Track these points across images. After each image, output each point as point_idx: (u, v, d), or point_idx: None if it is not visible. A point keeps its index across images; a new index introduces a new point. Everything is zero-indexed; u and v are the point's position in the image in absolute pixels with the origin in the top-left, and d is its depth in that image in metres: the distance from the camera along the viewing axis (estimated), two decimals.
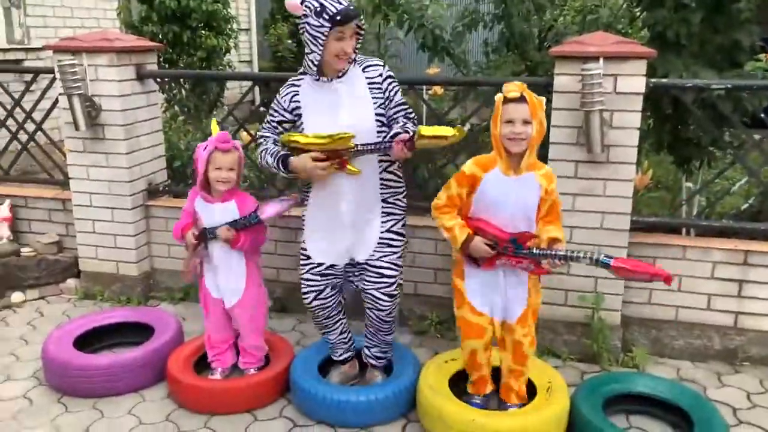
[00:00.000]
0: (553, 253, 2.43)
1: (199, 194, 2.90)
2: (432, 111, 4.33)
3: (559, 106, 3.13)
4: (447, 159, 3.96)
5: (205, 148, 2.81)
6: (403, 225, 2.80)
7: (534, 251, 2.45)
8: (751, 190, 4.79)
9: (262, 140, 2.76)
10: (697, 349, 3.34)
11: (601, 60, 2.96)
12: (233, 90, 9.82)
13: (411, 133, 2.49)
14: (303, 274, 2.83)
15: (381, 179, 2.68)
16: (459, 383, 2.84)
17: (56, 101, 3.92)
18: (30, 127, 4.26)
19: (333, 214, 2.71)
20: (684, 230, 3.73)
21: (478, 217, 2.52)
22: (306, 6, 2.50)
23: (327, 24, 2.46)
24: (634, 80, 3.02)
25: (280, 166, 2.65)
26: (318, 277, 2.80)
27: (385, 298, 2.75)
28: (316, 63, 2.56)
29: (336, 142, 2.52)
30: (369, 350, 2.98)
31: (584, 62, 2.96)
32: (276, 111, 2.73)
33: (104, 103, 3.73)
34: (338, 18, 2.46)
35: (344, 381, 3.00)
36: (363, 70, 2.63)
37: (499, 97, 2.44)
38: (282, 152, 2.66)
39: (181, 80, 6.20)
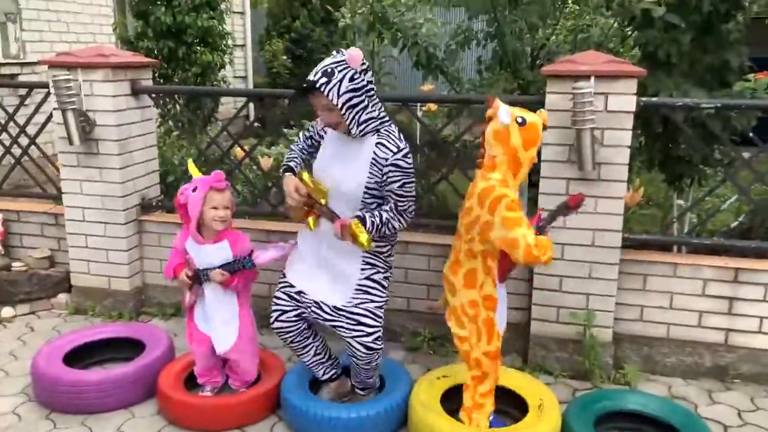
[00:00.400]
0: (546, 218, 2.50)
1: (190, 236, 2.85)
2: (426, 128, 4.36)
3: (550, 124, 3.15)
4: (441, 175, 3.98)
5: (195, 189, 2.78)
6: (386, 278, 2.72)
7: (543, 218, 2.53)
8: (741, 207, 4.83)
9: (288, 152, 2.83)
10: (688, 367, 3.35)
11: (593, 79, 2.99)
12: (227, 105, 9.86)
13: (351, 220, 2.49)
14: (276, 291, 2.83)
15: (363, 253, 2.64)
16: (451, 400, 2.84)
17: (50, 116, 3.93)
18: (23, 141, 4.26)
19: (314, 252, 2.74)
20: (675, 248, 3.75)
21: None
22: None
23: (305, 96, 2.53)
24: (625, 99, 3.05)
25: (281, 171, 2.75)
26: (286, 298, 2.78)
27: (362, 349, 2.64)
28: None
29: (314, 189, 2.59)
30: (352, 379, 2.95)
31: (575, 81, 2.99)
32: (309, 130, 2.81)
33: (99, 118, 3.74)
34: (292, 95, 2.64)
35: (335, 398, 2.99)
36: (376, 144, 2.51)
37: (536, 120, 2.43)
38: (292, 163, 2.73)
39: (176, 95, 6.23)
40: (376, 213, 2.54)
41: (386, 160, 2.49)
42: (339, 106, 2.42)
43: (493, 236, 2.39)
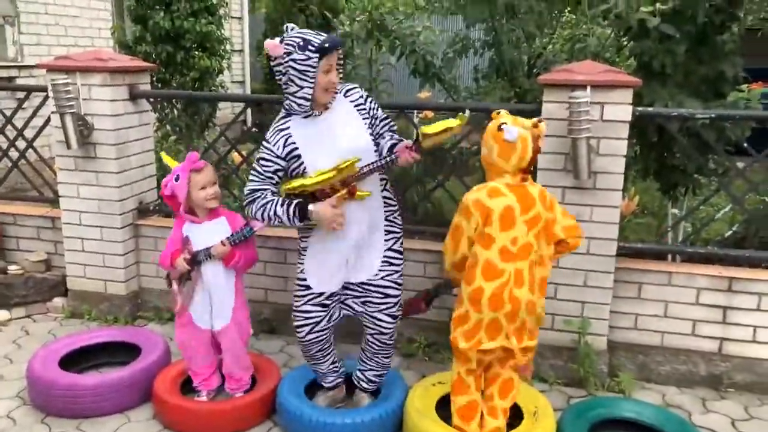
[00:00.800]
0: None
1: (185, 219, 2.89)
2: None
3: (546, 133, 3.16)
4: (437, 182, 4.00)
5: (177, 178, 2.81)
6: (401, 243, 2.81)
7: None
8: (735, 216, 4.86)
9: (257, 194, 2.62)
10: (682, 375, 3.36)
11: (589, 88, 3.02)
12: (225, 110, 9.87)
13: (414, 138, 2.52)
14: (300, 305, 2.76)
15: (383, 197, 2.71)
16: (446, 407, 2.84)
17: (48, 119, 3.94)
18: (21, 144, 4.27)
19: (340, 239, 2.66)
20: (670, 256, 3.77)
21: None
22: (287, 44, 2.50)
23: (315, 56, 2.46)
24: (621, 108, 3.08)
25: (296, 216, 2.55)
26: (318, 308, 2.76)
27: (389, 319, 2.78)
28: (309, 98, 2.54)
29: (342, 172, 2.51)
30: (363, 373, 2.97)
31: (572, 90, 3.02)
32: (268, 160, 2.60)
33: (96, 122, 3.74)
34: (326, 46, 2.48)
35: (331, 404, 2.99)
36: (344, 95, 2.67)
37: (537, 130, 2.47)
38: (295, 201, 2.58)
39: (174, 100, 6.24)
40: (390, 136, 2.69)
41: (362, 96, 2.69)
42: (342, 62, 2.63)
43: (556, 230, 2.53)
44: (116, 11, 8.57)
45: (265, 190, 2.62)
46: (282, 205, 2.58)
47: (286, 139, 2.60)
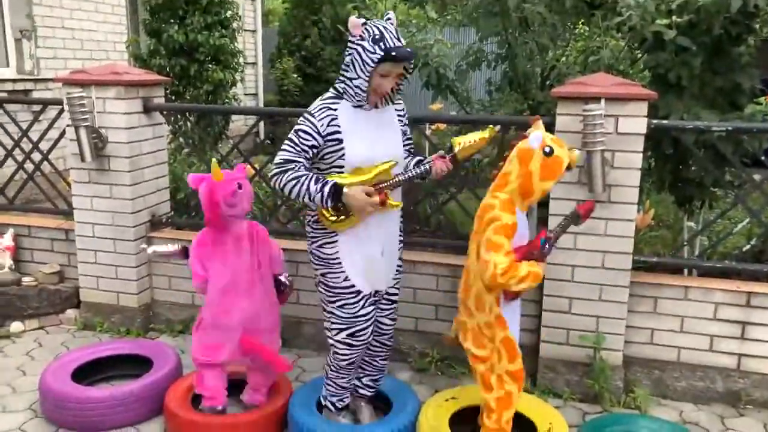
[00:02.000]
0: (557, 233, 2.47)
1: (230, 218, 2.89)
2: (434, 146, 4.37)
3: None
4: (450, 195, 3.98)
5: (241, 186, 2.80)
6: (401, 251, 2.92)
7: (549, 235, 2.45)
8: (753, 230, 4.79)
9: (291, 165, 2.54)
10: (700, 391, 3.31)
11: (603, 101, 3.00)
12: (238, 122, 9.93)
13: (448, 148, 2.61)
14: (358, 311, 2.69)
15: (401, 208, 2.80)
16: (459, 422, 2.81)
17: (63, 132, 3.97)
18: (36, 156, 4.30)
19: (371, 247, 2.66)
20: (686, 270, 3.72)
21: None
22: (366, 29, 2.48)
23: (380, 53, 2.44)
24: (636, 121, 3.05)
25: (329, 196, 2.48)
26: (371, 308, 2.74)
27: (390, 322, 2.89)
28: (363, 90, 2.52)
29: (378, 177, 2.55)
30: (360, 380, 2.97)
31: (586, 103, 2.99)
32: (308, 134, 2.53)
33: (110, 135, 3.77)
34: (393, 54, 2.45)
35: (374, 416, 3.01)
36: (394, 104, 2.72)
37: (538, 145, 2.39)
38: (330, 180, 2.52)
39: (187, 113, 6.28)
40: (418, 164, 2.70)
41: (403, 110, 2.76)
42: (407, 76, 2.63)
43: (481, 254, 2.41)
44: (131, 25, 8.66)
45: (298, 162, 2.54)
46: (317, 182, 2.50)
47: (331, 120, 2.55)
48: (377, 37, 2.45)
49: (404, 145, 2.73)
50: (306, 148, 2.55)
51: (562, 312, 3.29)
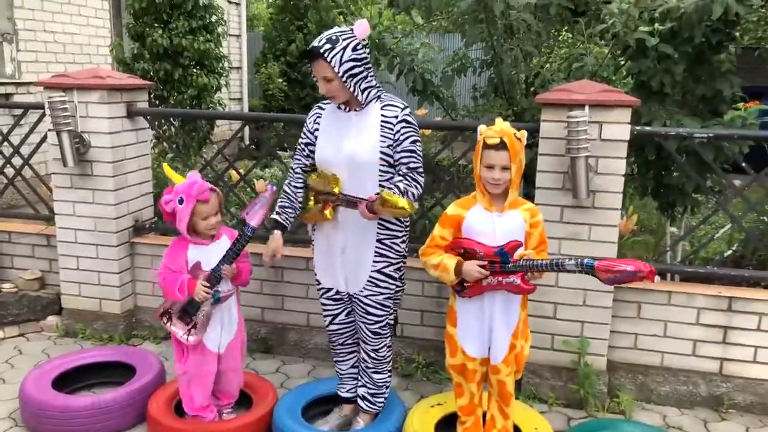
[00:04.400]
0: (540, 263, 2.40)
1: (190, 243, 2.79)
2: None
3: (545, 152, 3.18)
4: (435, 200, 3.98)
5: (182, 201, 2.70)
6: (398, 269, 2.78)
7: (521, 262, 2.41)
8: (734, 236, 4.85)
9: (290, 174, 2.86)
10: (683, 396, 3.33)
11: (587, 107, 3.02)
12: (223, 127, 9.88)
13: (377, 196, 2.50)
14: (320, 297, 2.91)
15: (379, 221, 2.65)
16: (445, 428, 2.81)
17: (45, 136, 3.92)
18: (17, 161, 4.25)
19: (331, 245, 2.76)
20: (669, 276, 3.75)
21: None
22: None
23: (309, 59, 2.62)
24: (619, 128, 3.08)
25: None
26: (330, 302, 2.86)
27: (370, 334, 2.79)
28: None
29: (324, 182, 2.63)
30: (358, 388, 2.97)
31: (570, 109, 3.02)
32: (304, 133, 2.80)
33: (93, 139, 3.73)
34: (308, 50, 2.60)
35: (341, 425, 2.94)
36: (382, 107, 2.64)
37: (481, 132, 2.48)
38: (282, 216, 2.83)
39: (171, 117, 6.24)
40: (394, 186, 2.58)
41: (396, 117, 2.61)
42: (340, 74, 2.53)
43: None
44: (114, 29, 8.59)
45: (298, 161, 2.82)
46: (278, 211, 2.84)
47: (316, 118, 2.77)
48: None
49: (395, 156, 2.62)
50: (302, 147, 2.81)
51: (546, 317, 3.31)
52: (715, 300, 3.24)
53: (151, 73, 6.58)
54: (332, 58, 2.51)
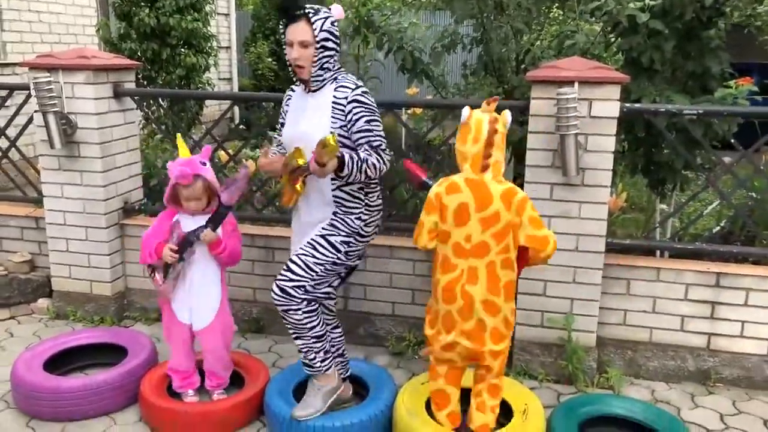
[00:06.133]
0: None
1: (178, 212, 2.90)
2: (410, 132, 4.36)
3: (535, 130, 3.18)
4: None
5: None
6: (345, 243, 2.65)
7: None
8: (723, 212, 4.88)
9: (276, 136, 2.90)
10: (671, 371, 3.37)
11: (576, 84, 3.01)
12: (212, 107, 9.81)
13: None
14: None
15: (334, 196, 2.64)
16: None
17: (31, 118, 3.88)
18: (3, 143, 4.21)
19: (298, 220, 2.81)
20: (658, 252, 3.78)
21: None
22: None
23: (283, 23, 2.59)
24: (609, 105, 3.07)
25: None
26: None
27: (278, 290, 2.60)
28: (289, 65, 2.65)
29: (289, 158, 2.57)
30: None
31: (559, 87, 3.01)
32: (280, 113, 2.85)
33: (80, 120, 3.69)
34: (280, 12, 2.58)
35: (333, 404, 2.94)
36: (335, 89, 2.61)
37: (467, 113, 2.48)
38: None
39: (160, 98, 6.18)
40: (354, 153, 2.53)
41: (346, 98, 2.58)
42: (318, 38, 2.53)
43: (520, 236, 2.46)
44: (101, 8, 8.47)
45: (276, 142, 2.87)
46: None
47: (287, 99, 2.82)
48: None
49: (352, 137, 2.58)
50: (279, 126, 2.85)
51: (536, 294, 3.33)
52: (703, 276, 3.27)
53: (139, 53, 6.52)
54: (315, 21, 2.52)
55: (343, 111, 2.58)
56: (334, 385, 2.80)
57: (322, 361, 2.75)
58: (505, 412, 2.79)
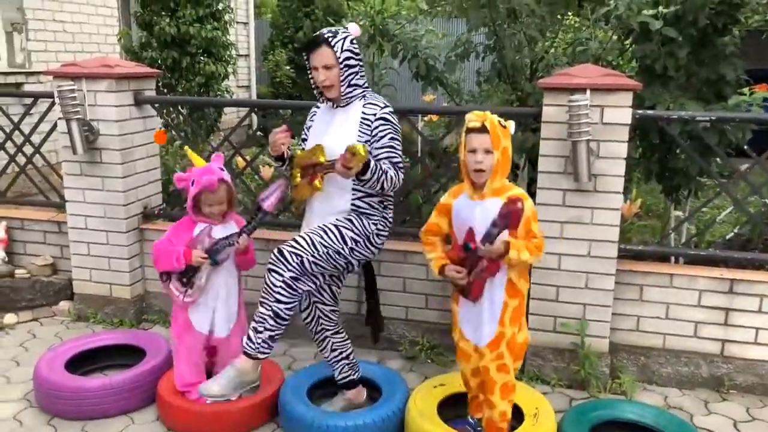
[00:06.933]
0: (483, 236, 2.36)
1: (197, 221, 2.95)
2: (425, 139, 4.41)
3: (547, 136, 3.20)
4: (440, 185, 4.02)
5: (193, 182, 2.86)
6: (354, 240, 2.67)
7: (468, 245, 2.44)
8: (739, 218, 4.85)
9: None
10: (684, 377, 3.37)
11: (588, 91, 3.03)
12: (230, 115, 9.93)
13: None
14: None
15: (352, 204, 2.70)
16: (448, 409, 2.86)
17: (55, 125, 3.98)
18: (28, 149, 4.32)
19: (307, 218, 2.85)
20: (672, 258, 3.78)
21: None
22: None
23: (305, 54, 2.72)
24: (621, 111, 3.09)
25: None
26: None
27: (276, 253, 2.59)
28: (314, 87, 2.78)
29: (309, 154, 2.70)
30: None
31: (572, 93, 3.03)
32: (304, 129, 2.93)
33: (102, 127, 3.79)
34: (305, 45, 2.73)
35: (346, 407, 3.00)
36: (364, 105, 2.72)
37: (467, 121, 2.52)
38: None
39: (179, 105, 6.28)
40: (374, 161, 2.59)
41: (374, 115, 2.68)
42: (341, 59, 2.66)
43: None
44: (122, 17, 8.63)
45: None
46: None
47: (312, 116, 2.91)
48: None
49: (373, 152, 2.63)
50: (301, 142, 2.91)
51: (549, 300, 3.34)
52: (716, 282, 3.27)
53: (159, 62, 6.63)
54: (335, 43, 2.66)
55: (369, 126, 2.68)
56: (250, 378, 2.66)
57: (263, 342, 2.61)
58: (516, 416, 2.81)
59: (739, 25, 3.87)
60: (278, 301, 2.58)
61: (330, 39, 2.66)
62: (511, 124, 2.50)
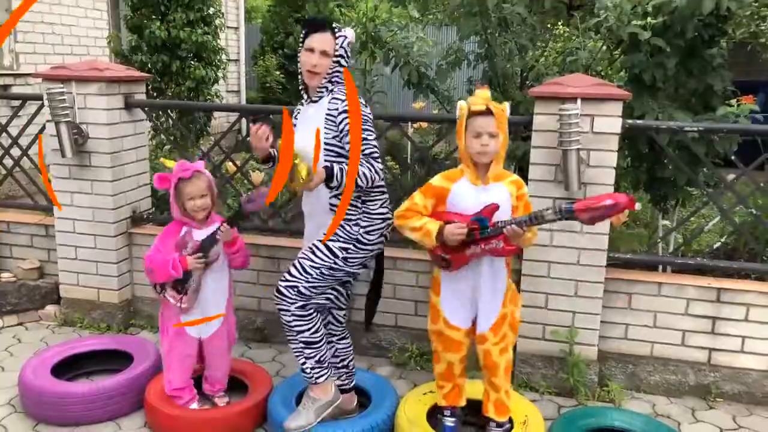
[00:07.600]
0: (519, 219, 2.41)
1: (184, 225, 2.91)
2: (415, 145, 4.42)
3: (537, 145, 3.22)
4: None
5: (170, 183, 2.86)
6: (343, 249, 2.67)
7: (500, 224, 2.43)
8: (725, 228, 4.90)
9: None
10: (672, 385, 3.39)
11: (579, 101, 3.06)
12: (220, 119, 9.90)
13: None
14: None
15: (330, 204, 2.69)
16: (437, 416, 2.86)
17: (43, 127, 3.95)
18: (15, 152, 4.28)
19: (306, 222, 2.88)
20: (660, 267, 3.81)
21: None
22: None
23: (303, 31, 2.68)
24: (611, 121, 3.12)
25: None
26: None
27: (276, 291, 2.68)
28: (300, 77, 2.73)
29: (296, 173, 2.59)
30: None
31: (562, 103, 3.06)
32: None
33: (91, 130, 3.76)
34: (309, 22, 2.69)
35: (336, 415, 2.98)
36: (329, 101, 2.66)
37: (462, 108, 2.52)
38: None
39: (169, 109, 6.26)
40: (344, 163, 2.58)
41: (337, 110, 2.63)
42: (337, 53, 2.66)
43: None
44: (112, 21, 8.59)
45: None
46: None
47: (296, 114, 2.85)
48: (303, 21, 2.68)
49: (335, 143, 2.63)
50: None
51: (538, 307, 3.36)
52: (704, 291, 3.29)
53: (149, 66, 6.60)
54: (339, 36, 2.68)
55: (334, 122, 2.63)
56: (329, 399, 2.78)
57: (312, 369, 2.73)
58: None
59: (726, 37, 3.92)
60: (300, 333, 2.68)
61: (336, 30, 2.68)
62: (507, 106, 2.53)
